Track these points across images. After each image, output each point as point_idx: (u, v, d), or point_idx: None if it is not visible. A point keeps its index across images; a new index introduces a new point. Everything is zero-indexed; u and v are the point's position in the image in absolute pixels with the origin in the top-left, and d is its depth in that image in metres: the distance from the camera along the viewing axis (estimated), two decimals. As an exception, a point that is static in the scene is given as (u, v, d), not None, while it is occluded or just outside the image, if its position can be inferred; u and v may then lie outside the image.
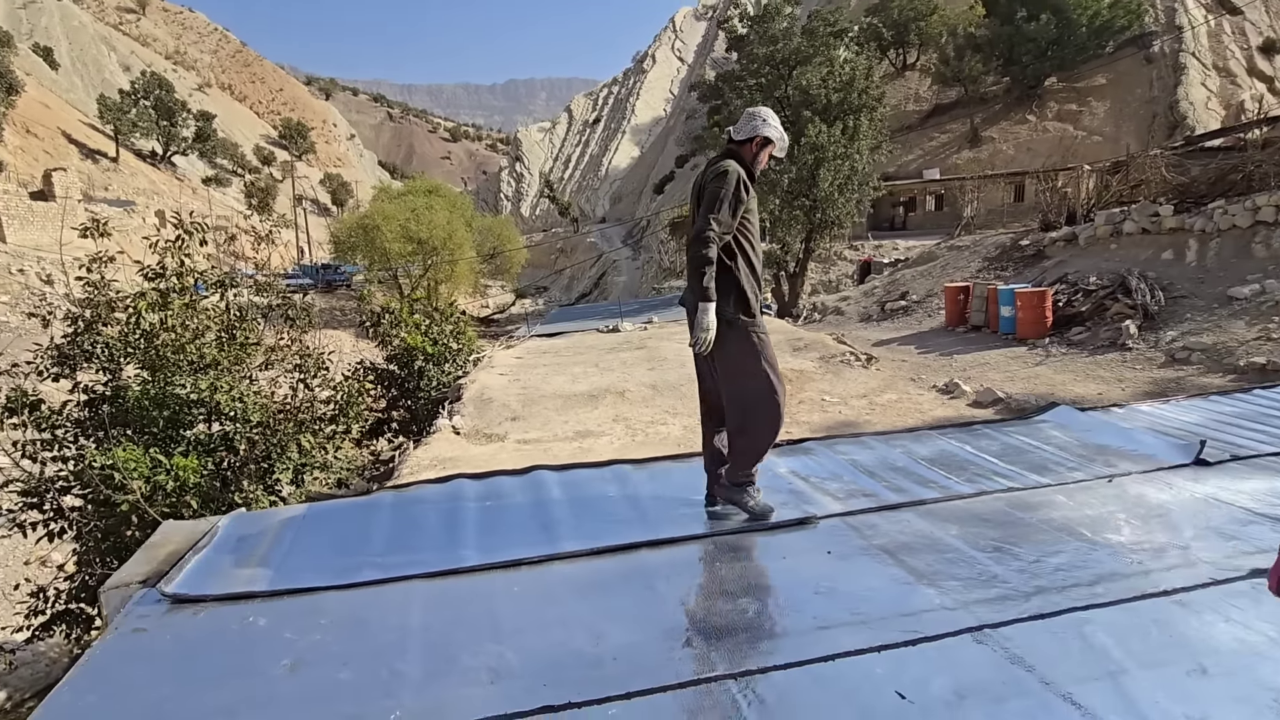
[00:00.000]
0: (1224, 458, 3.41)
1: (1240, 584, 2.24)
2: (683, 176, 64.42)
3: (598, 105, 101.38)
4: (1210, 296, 10.39)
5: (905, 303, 17.01)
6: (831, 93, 17.54)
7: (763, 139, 2.89)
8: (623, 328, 15.63)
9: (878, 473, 3.33)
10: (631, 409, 9.39)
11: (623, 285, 49.13)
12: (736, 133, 2.95)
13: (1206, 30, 38.71)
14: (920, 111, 45.83)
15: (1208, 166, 14.13)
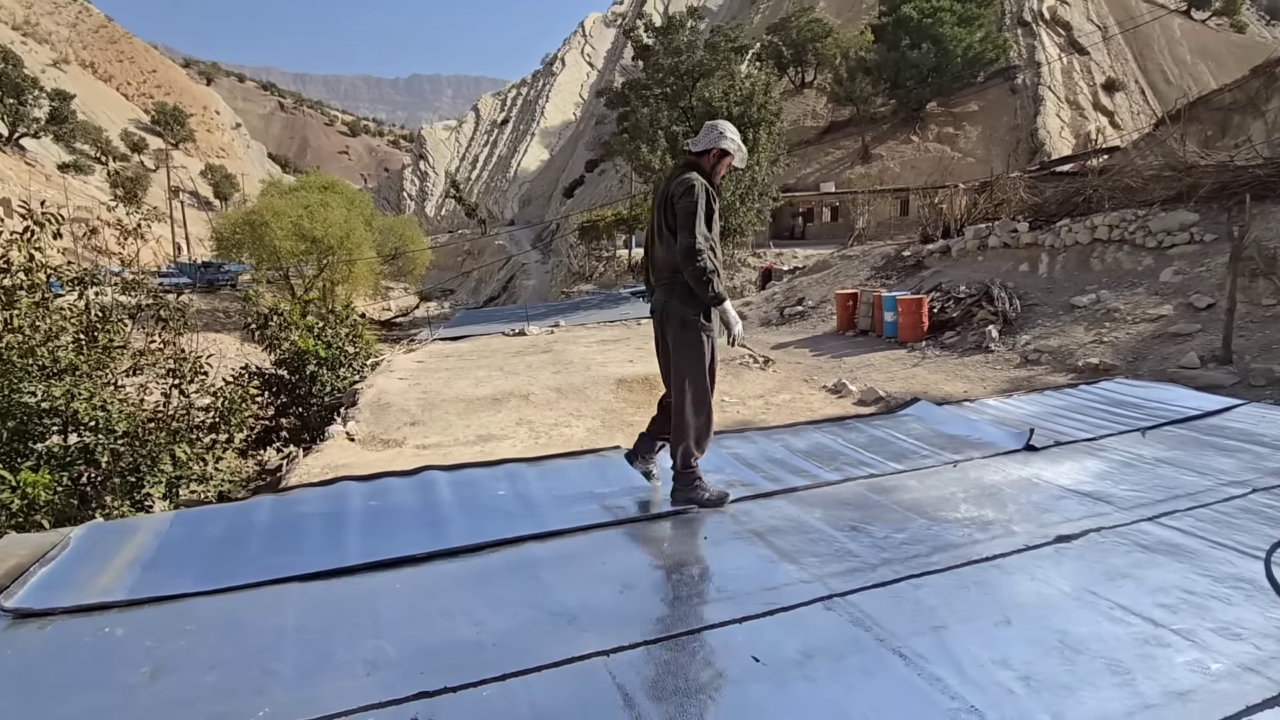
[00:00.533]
0: (1049, 444, 3.91)
1: (1046, 549, 2.61)
2: (593, 181, 64.67)
3: (506, 106, 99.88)
4: (1057, 305, 11.67)
5: (802, 308, 17.93)
6: (733, 105, 18.26)
7: (720, 151, 3.05)
8: (529, 331, 15.53)
9: (757, 465, 3.57)
10: (535, 412, 9.39)
11: (532, 289, 48.62)
12: (695, 145, 3.09)
13: (1060, 67, 43.28)
14: (817, 127, 48.37)
15: (1057, 189, 15.84)
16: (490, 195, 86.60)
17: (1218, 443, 3.93)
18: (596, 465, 3.53)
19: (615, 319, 16.43)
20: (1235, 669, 1.89)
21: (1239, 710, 1.72)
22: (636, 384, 10.53)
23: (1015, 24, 46.47)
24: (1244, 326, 8.47)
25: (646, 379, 10.68)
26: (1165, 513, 2.97)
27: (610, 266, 37.70)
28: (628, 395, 10.15)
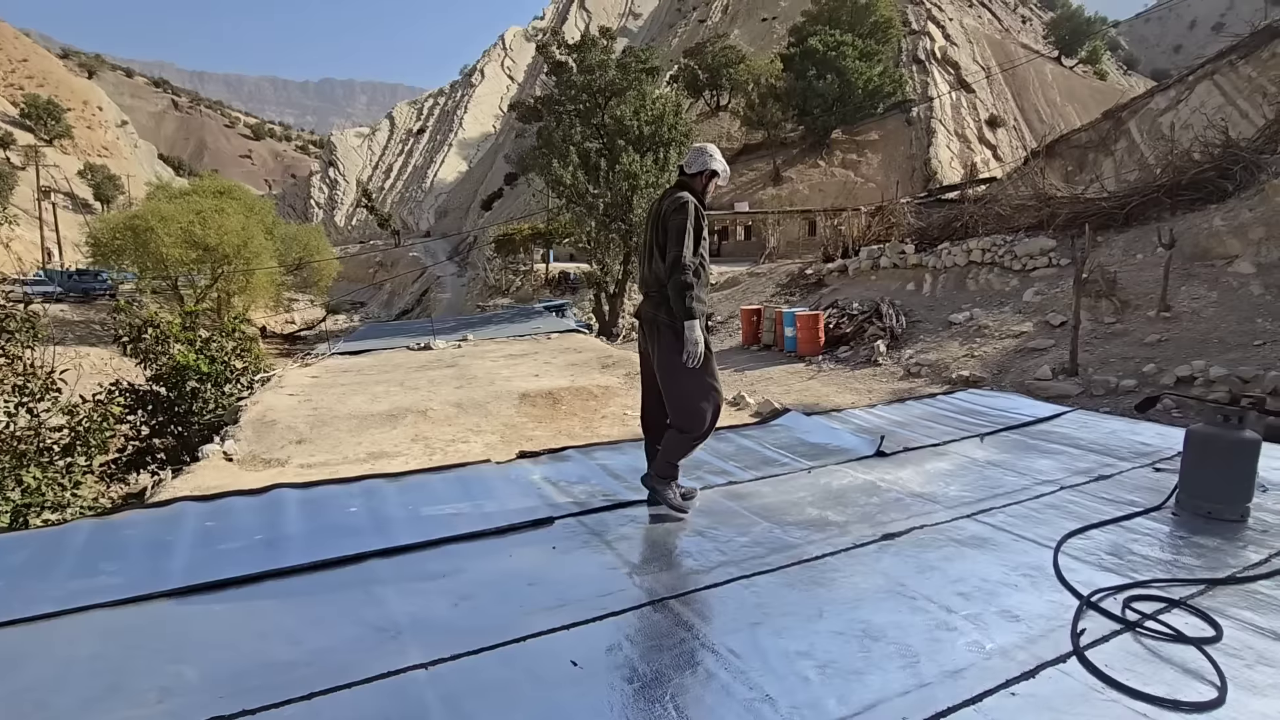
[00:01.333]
0: (897, 450, 4.20)
1: (870, 546, 2.81)
2: (512, 195, 64.07)
3: (423, 115, 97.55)
4: (937, 321, 12.56)
5: (711, 323, 18.41)
6: (644, 125, 18.64)
7: (711, 172, 3.20)
8: (435, 345, 15.15)
9: (623, 475, 3.65)
10: (433, 428, 9.16)
11: (447, 302, 47.45)
12: (688, 166, 3.23)
13: (950, 103, 46.83)
14: (732, 149, 50.01)
15: (940, 214, 17.10)
16: (405, 205, 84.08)
17: (1041, 446, 4.35)
18: (461, 480, 3.51)
19: (525, 333, 16.30)
20: (1007, 648, 2.11)
21: (999, 684, 1.92)
22: (540, 398, 10.47)
23: (911, 61, 49.96)
24: (1089, 342, 9.41)
25: (550, 393, 10.65)
26: (983, 510, 3.26)
27: (527, 280, 37.40)
28: (530, 410, 10.08)
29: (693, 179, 3.22)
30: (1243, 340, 8.12)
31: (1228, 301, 9.06)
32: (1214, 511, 3.20)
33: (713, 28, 67.97)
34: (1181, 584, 2.53)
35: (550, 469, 3.72)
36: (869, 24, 45.98)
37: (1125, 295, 10.10)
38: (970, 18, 62.35)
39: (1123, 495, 3.50)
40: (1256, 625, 2.26)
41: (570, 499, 3.30)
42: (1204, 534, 3.04)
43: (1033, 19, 77.85)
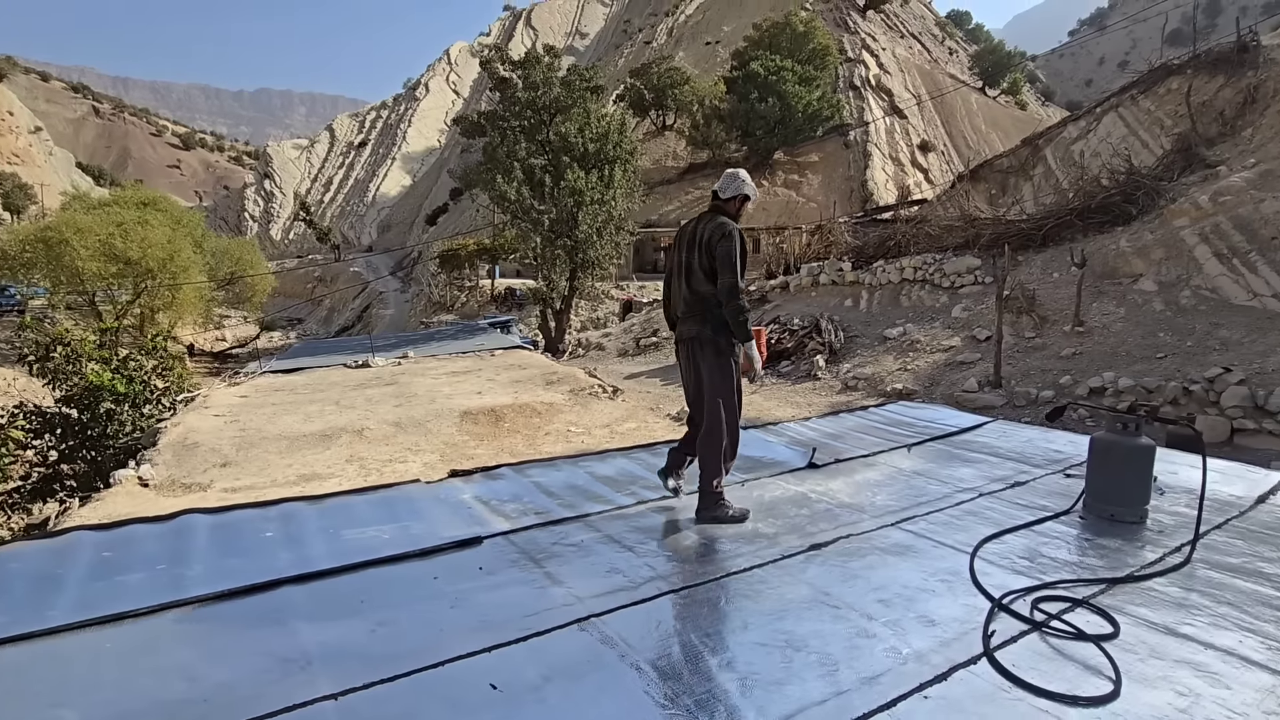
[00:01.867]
0: (829, 461, 4.30)
1: (798, 557, 2.86)
2: (457, 210, 63.24)
3: (365, 128, 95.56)
4: (873, 336, 12.99)
5: (656, 339, 18.53)
6: (589, 142, 18.75)
7: (744, 196, 3.40)
8: (374, 363, 14.71)
9: (556, 492, 3.61)
10: (369, 448, 8.87)
11: (390, 318, 46.25)
12: (723, 191, 3.41)
13: (884, 128, 48.92)
14: (678, 168, 50.84)
15: (876, 234, 17.76)
16: (346, 219, 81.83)
17: (963, 455, 4.53)
18: (387, 501, 3.40)
19: (470, 350, 16.01)
20: (923, 651, 2.17)
21: (913, 688, 1.97)
22: (482, 416, 10.29)
23: (847, 87, 52.02)
24: (1011, 356, 9.91)
25: (493, 411, 10.48)
26: (907, 518, 3.36)
27: (473, 296, 36.86)
28: (472, 428, 9.88)
29: (727, 203, 3.40)
30: (1147, 353, 8.71)
31: (1133, 317, 9.71)
32: (1116, 514, 3.39)
33: (658, 49, 69.22)
34: (1085, 584, 2.67)
35: (482, 488, 3.65)
36: (807, 50, 47.71)
37: (1044, 311, 10.70)
38: (902, 48, 65.49)
39: (1036, 501, 3.67)
40: (1150, 621, 2.40)
41: (502, 518, 3.24)
42: (1107, 535, 3.22)
43: (959, 51, 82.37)
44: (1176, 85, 16.23)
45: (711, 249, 3.22)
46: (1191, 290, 9.67)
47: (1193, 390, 7.45)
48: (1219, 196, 10.84)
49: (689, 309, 3.34)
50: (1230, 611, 2.46)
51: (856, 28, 61.70)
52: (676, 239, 3.50)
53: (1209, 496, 3.74)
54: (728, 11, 71.59)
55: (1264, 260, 9.14)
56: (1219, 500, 3.68)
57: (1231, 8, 60.33)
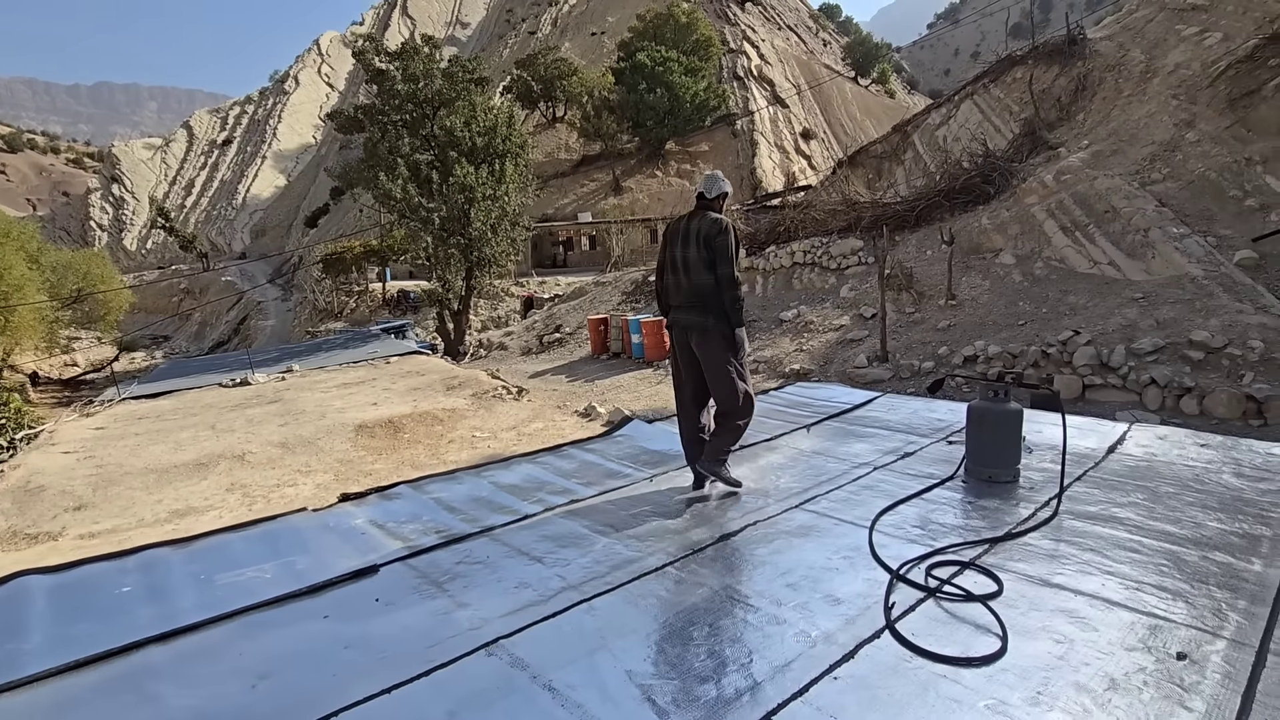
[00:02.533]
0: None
1: (709, 549, 2.87)
2: (340, 210, 59.65)
3: (229, 124, 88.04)
4: (770, 320, 13.44)
5: (560, 335, 18.33)
6: (476, 136, 18.15)
7: (726, 193, 3.79)
8: (255, 380, 13.62)
9: (459, 507, 3.44)
10: (252, 474, 8.19)
11: (271, 330, 43.04)
12: (709, 192, 3.73)
13: (769, 117, 50.73)
14: (571, 160, 50.43)
15: (766, 220, 18.37)
16: (213, 225, 75.16)
17: (858, 431, 4.75)
18: (269, 536, 3.11)
19: (362, 359, 15.16)
20: (830, 632, 2.22)
21: (823, 671, 2.01)
22: (379, 429, 9.77)
23: (731, 77, 53.46)
24: (895, 331, 10.55)
25: (391, 422, 9.97)
26: (809, 499, 3.46)
27: (363, 301, 34.96)
28: (368, 442, 9.36)
29: (713, 201, 3.72)
30: (1010, 321, 9.54)
31: (997, 289, 10.61)
32: (993, 476, 3.66)
33: (543, 40, 68.18)
34: (971, 546, 2.85)
35: (378, 510, 3.42)
36: (691, 41, 48.55)
37: (921, 287, 11.47)
38: (780, 40, 68.09)
39: (924, 469, 3.90)
40: (1028, 575, 2.58)
41: (400, 541, 3.04)
42: (987, 497, 3.46)
43: (832, 43, 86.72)
44: (1020, 74, 17.81)
45: (710, 243, 3.53)
46: (1043, 261, 10.68)
47: (1049, 353, 8.24)
48: (1061, 175, 12.02)
49: (689, 300, 3.62)
50: (1094, 558, 2.70)
51: (736, 19, 63.47)
52: (667, 236, 3.78)
53: (1069, 451, 4.13)
54: (611, 2, 71.57)
55: (1100, 232, 10.24)
56: (1077, 454, 4.06)
57: (1061, 3, 67.45)
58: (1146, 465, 3.84)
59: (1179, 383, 7.04)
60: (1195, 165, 10.60)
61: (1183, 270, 8.75)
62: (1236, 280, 8.25)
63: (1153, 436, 4.32)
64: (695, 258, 3.55)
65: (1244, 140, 10.66)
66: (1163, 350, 7.48)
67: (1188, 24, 14.73)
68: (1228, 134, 10.96)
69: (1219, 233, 9.27)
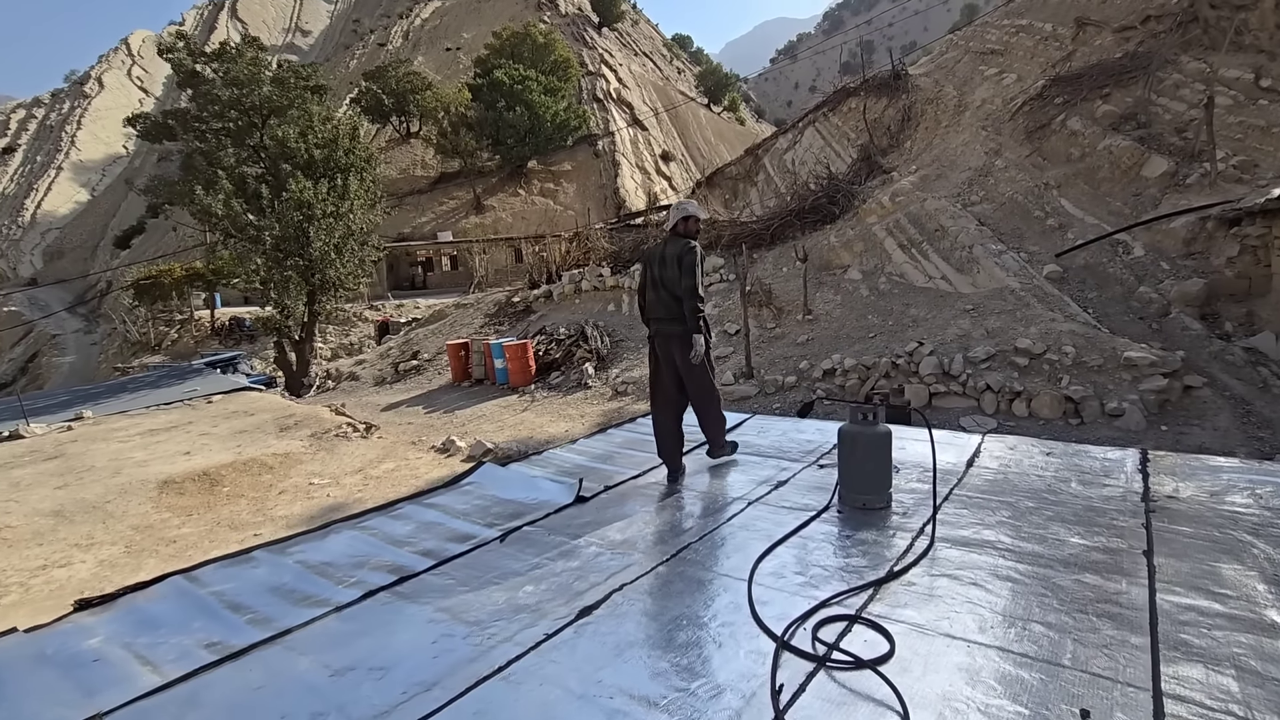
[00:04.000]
0: (598, 490, 3.92)
1: (566, 632, 2.38)
2: (159, 229, 52.73)
3: (10, 129, 75.56)
4: (638, 339, 13.25)
5: (417, 362, 17.06)
6: (313, 148, 16.55)
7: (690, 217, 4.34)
8: (29, 431, 11.25)
9: (245, 604, 2.68)
10: (6, 555, 6.56)
11: (70, 367, 36.91)
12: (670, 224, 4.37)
13: (629, 138, 51.72)
14: (429, 177, 48.27)
15: (630, 238, 18.34)
16: (-9, 246, 63.69)
17: (729, 458, 4.48)
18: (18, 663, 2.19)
19: (176, 400, 13.07)
20: (712, 737, 1.81)
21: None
22: (190, 483, 8.31)
23: (591, 99, 53.99)
24: (758, 346, 10.71)
25: (206, 474, 8.53)
26: (681, 549, 3.08)
27: (187, 331, 30.89)
28: (175, 501, 7.90)
29: (685, 225, 4.31)
30: (862, 334, 9.98)
31: (848, 303, 11.12)
32: (867, 503, 3.49)
33: (394, 52, 65.21)
34: (855, 593, 2.58)
35: (128, 620, 2.58)
36: (549, 62, 48.44)
37: (780, 304, 11.79)
38: (637, 65, 70.00)
39: (799, 500, 3.67)
40: (916, 623, 2.34)
41: (149, 668, 2.26)
42: (864, 528, 3.27)
43: (686, 70, 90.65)
44: (855, 105, 19.27)
45: (680, 262, 4.08)
46: (886, 277, 11.37)
47: (899, 363, 8.67)
48: (895, 196, 12.95)
49: (668, 312, 4.19)
50: (976, 593, 2.53)
51: (594, 43, 64.47)
52: (646, 259, 4.36)
53: (929, 467, 4.10)
54: (466, 19, 70.08)
55: (933, 249, 11.08)
56: (939, 470, 4.03)
57: (882, 46, 75.57)
58: (1003, 478, 3.87)
59: (1010, 387, 7.61)
60: (1005, 189, 11.82)
61: (1003, 283, 9.60)
62: (1047, 292, 9.17)
63: (1004, 448, 4.42)
64: (671, 275, 4.10)
65: (1041, 167, 12.05)
66: (994, 357, 8.08)
67: (989, 65, 16.64)
68: (1028, 161, 12.36)
69: (1029, 249, 10.32)
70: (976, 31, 18.99)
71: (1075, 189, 11.17)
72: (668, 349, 4.24)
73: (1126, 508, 3.37)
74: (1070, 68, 13.77)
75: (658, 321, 4.27)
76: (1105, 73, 12.71)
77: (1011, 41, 16.80)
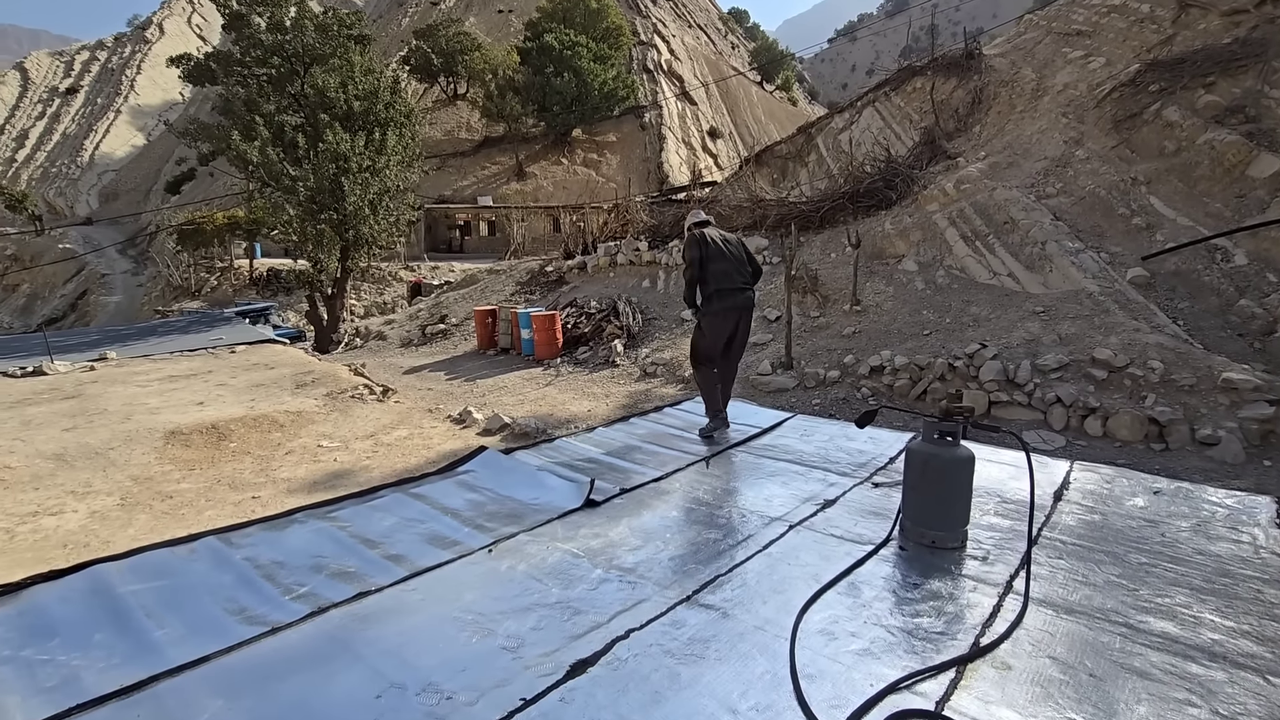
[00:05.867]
0: (612, 493, 3.35)
1: (551, 696, 1.81)
2: (206, 176, 53.49)
3: (74, 71, 77.32)
4: (670, 318, 12.62)
5: (445, 326, 16.71)
6: (353, 100, 16.12)
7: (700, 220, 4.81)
8: (53, 369, 11.19)
9: (163, 612, 2.18)
10: (2, 496, 6.32)
11: (115, 308, 37.82)
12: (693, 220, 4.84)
13: (677, 111, 50.41)
14: (473, 140, 47.84)
15: (670, 213, 17.59)
16: (52, 184, 65.56)
17: (767, 465, 3.87)
18: None
19: (200, 346, 12.92)
20: None
21: None
22: (198, 435, 8.02)
23: (641, 69, 52.68)
24: (799, 336, 9.98)
25: (214, 427, 8.24)
26: (708, 582, 2.50)
27: (226, 279, 31.25)
28: (180, 453, 7.62)
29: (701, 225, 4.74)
30: (915, 330, 9.18)
31: (901, 295, 10.29)
32: (937, 540, 2.85)
33: (446, 12, 64.56)
34: (933, 674, 1.97)
35: (14, 621, 2.10)
36: (601, 29, 47.29)
37: (826, 291, 11.01)
38: (690, 37, 68.13)
39: (850, 527, 3.05)
40: (1022, 735, 1.73)
41: (17, 698, 1.77)
42: (934, 573, 2.64)
43: (740, 46, 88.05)
44: (920, 84, 18.03)
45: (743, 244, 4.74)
46: (945, 270, 10.48)
47: (956, 366, 7.89)
48: (960, 184, 11.95)
49: (746, 284, 4.60)
50: (1095, 691, 1.89)
51: (648, 12, 62.86)
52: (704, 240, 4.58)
53: (1011, 499, 3.43)
54: (520, -21, 68.80)
55: (1000, 243, 10.15)
56: (1017, 502, 3.36)
57: (948, 31, 72.03)
58: (1102, 520, 3.18)
59: (1084, 402, 6.80)
60: (1086, 182, 10.76)
61: (1079, 285, 8.68)
62: (1131, 298, 8.24)
63: (1098, 480, 3.71)
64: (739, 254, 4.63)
65: (1128, 160, 10.93)
66: (1067, 367, 7.25)
67: (1073, 48, 15.29)
68: (1114, 154, 11.23)
69: (1110, 249, 9.33)
70: (1061, 11, 17.52)
71: (1168, 186, 10.08)
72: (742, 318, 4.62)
73: (1271, 575, 2.68)
74: (1169, 52, 12.47)
75: (740, 293, 4.57)
76: (1210, 59, 11.44)
77: (1101, 22, 15.40)
